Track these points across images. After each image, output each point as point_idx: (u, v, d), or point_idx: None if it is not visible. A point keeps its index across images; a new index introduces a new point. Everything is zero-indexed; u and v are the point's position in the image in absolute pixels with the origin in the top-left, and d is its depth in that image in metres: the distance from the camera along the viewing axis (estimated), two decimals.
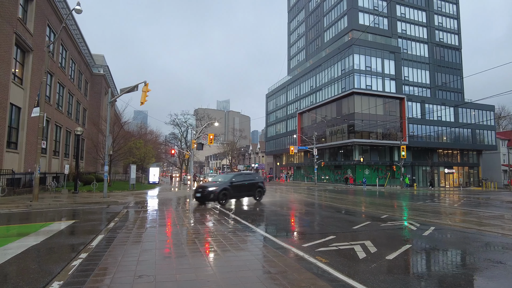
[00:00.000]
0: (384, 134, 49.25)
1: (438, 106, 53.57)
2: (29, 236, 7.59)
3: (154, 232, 8.42)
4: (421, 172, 53.92)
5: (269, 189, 34.54)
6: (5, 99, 18.36)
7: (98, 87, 42.89)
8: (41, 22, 23.19)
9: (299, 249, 6.79)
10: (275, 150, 75.10)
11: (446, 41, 59.46)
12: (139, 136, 43.86)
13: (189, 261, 5.70)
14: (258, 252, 6.53)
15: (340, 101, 50.72)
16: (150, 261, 5.64)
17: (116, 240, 7.29)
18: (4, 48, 17.72)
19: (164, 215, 12.03)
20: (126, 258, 5.76)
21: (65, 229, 8.67)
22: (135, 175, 26.72)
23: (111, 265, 5.32)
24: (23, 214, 11.66)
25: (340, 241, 7.71)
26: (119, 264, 5.34)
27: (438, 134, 53.69)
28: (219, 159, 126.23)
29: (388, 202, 20.24)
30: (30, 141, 21.74)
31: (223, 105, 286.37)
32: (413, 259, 6.52)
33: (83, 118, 37.76)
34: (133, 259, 5.70)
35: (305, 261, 5.84)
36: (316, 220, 11.45)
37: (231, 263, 5.62)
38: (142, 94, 16.20)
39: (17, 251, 6.06)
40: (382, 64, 50.82)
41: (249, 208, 15.23)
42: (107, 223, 9.65)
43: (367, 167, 48.60)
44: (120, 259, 5.71)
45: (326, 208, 15.12)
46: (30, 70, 21.57)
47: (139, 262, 5.51)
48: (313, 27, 67.37)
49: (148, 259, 5.74)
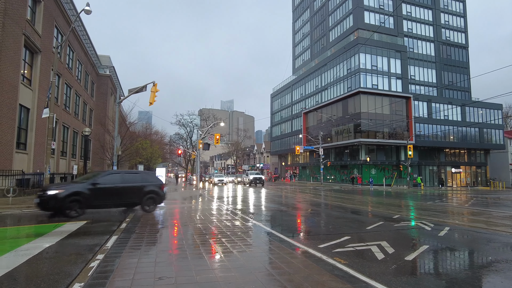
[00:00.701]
0: (390, 134, 48.94)
1: (445, 105, 53.12)
2: (44, 236, 7.59)
3: (167, 233, 8.39)
4: (428, 171, 53.50)
5: (274, 189, 34.45)
6: (15, 100, 18.47)
7: (104, 88, 43.07)
8: (49, 23, 23.30)
9: (315, 250, 6.71)
10: (280, 150, 74.99)
11: (453, 39, 58.98)
12: (145, 137, 43.98)
13: (206, 262, 5.65)
14: (274, 253, 6.45)
15: (346, 101, 50.48)
16: (167, 262, 5.60)
17: (131, 241, 7.25)
18: (13, 50, 17.82)
19: (174, 215, 11.99)
20: (143, 259, 5.71)
21: (78, 229, 8.66)
22: None
23: (129, 266, 5.28)
24: (34, 215, 11.68)
25: (355, 242, 7.62)
26: (137, 266, 5.29)
27: (445, 133, 53.25)
28: (224, 159, 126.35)
29: (397, 202, 20.08)
30: (38, 142, 21.86)
31: (227, 105, 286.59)
32: (432, 260, 6.42)
33: (90, 118, 37.92)
34: (150, 260, 5.65)
35: (323, 262, 5.76)
36: (328, 220, 11.35)
37: (249, 264, 5.56)
38: (151, 94, 16.22)
39: (34, 252, 6.04)
40: (388, 63, 50.52)
41: (256, 208, 15.16)
42: (119, 224, 9.62)
43: (373, 167, 48.33)
44: (137, 260, 5.67)
45: (336, 209, 15.01)
46: (39, 71, 21.69)
47: (157, 263, 5.46)
48: (318, 27, 67.17)
49: (165, 260, 5.69)
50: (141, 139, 33.87)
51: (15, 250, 6.17)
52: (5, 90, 17.21)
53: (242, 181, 47.30)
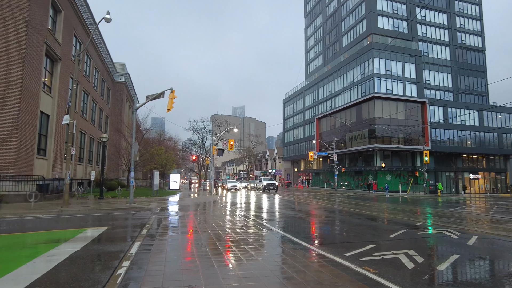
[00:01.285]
0: (405, 139, 48.19)
1: (461, 110, 52.07)
2: (68, 242, 7.63)
3: (189, 239, 8.33)
4: (445, 178, 52.36)
5: (288, 195, 34.21)
6: (36, 107, 18.89)
7: (120, 95, 43.77)
8: (68, 32, 23.86)
9: (342, 258, 6.55)
10: (293, 156, 74.66)
11: (469, 43, 57.97)
12: (159, 143, 44.38)
13: (233, 269, 5.56)
14: (300, 261, 6.31)
15: (360, 106, 50.02)
16: (194, 269, 5.53)
17: (154, 247, 7.22)
18: (35, 58, 18.27)
19: (193, 221, 11.96)
20: (169, 266, 5.66)
21: (100, 235, 8.69)
22: (157, 181, 26.93)
23: (156, 273, 5.22)
24: (56, 220, 11.83)
25: (381, 250, 7.41)
26: (164, 273, 5.24)
27: (461, 138, 52.15)
28: (236, 165, 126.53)
29: (416, 209, 19.63)
30: (57, 148, 22.27)
31: (238, 111, 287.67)
32: (466, 270, 6.17)
33: (106, 125, 38.51)
34: (176, 268, 5.60)
35: (352, 271, 5.60)
36: (349, 228, 11.12)
37: (276, 272, 5.44)
38: (168, 101, 16.35)
39: (61, 258, 6.06)
40: (403, 68, 49.94)
41: (274, 215, 15.02)
42: (140, 230, 9.63)
43: (388, 173, 47.58)
44: (163, 267, 5.61)
45: (355, 216, 14.74)
46: (58, 78, 22.18)
47: (183, 271, 5.40)
48: (330, 32, 67.05)
49: (191, 268, 5.62)
50: (156, 145, 34.18)
51: (42, 256, 6.21)
52: (27, 97, 17.62)
53: (255, 187, 47.18)
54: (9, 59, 16.76)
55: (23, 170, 17.44)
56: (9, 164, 16.53)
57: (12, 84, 16.79)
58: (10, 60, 16.78)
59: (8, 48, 16.77)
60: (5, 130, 16.57)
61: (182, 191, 38.20)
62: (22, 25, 17.03)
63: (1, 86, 16.62)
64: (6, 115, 16.67)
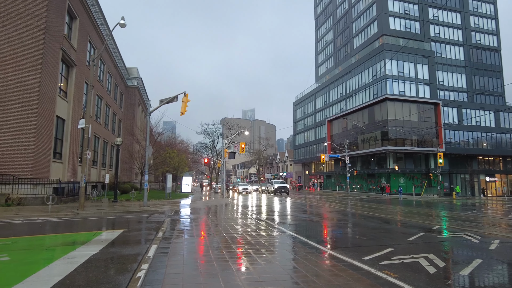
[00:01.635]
0: (419, 141, 47.47)
1: (476, 111, 51.06)
2: (86, 245, 7.72)
3: (205, 242, 8.34)
4: (460, 180, 51.34)
5: (300, 198, 34.03)
6: (52, 112, 19.28)
7: (132, 99, 44.35)
8: (83, 38, 24.32)
9: (360, 262, 6.45)
10: (304, 159, 74.31)
11: (484, 42, 56.85)
12: (171, 146, 44.77)
13: (251, 272, 5.53)
14: (318, 265, 6.24)
15: (372, 108, 49.55)
16: (212, 272, 5.51)
17: (171, 250, 7.25)
18: (52, 64, 18.67)
19: (208, 224, 11.97)
20: (187, 269, 5.66)
21: (117, 238, 8.76)
22: (170, 184, 27.13)
23: (175, 277, 5.23)
24: (73, 222, 12.01)
25: (400, 254, 7.27)
26: (183, 277, 5.24)
27: (477, 140, 51.09)
28: (246, 168, 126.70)
29: (432, 212, 19.26)
30: (72, 152, 22.66)
31: (248, 114, 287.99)
32: (491, 275, 6.00)
33: (119, 129, 39.06)
34: (195, 271, 5.60)
35: (372, 275, 5.50)
36: (365, 231, 10.96)
37: (295, 275, 5.38)
38: (182, 104, 16.49)
39: (81, 260, 6.13)
40: (415, 69, 49.30)
41: (288, 218, 14.94)
42: (155, 233, 9.69)
43: (402, 176, 46.91)
44: (181, 270, 5.62)
45: (370, 219, 14.55)
46: (73, 83, 22.59)
47: (202, 274, 5.39)
48: (341, 34, 66.72)
49: (210, 271, 5.61)
50: (168, 149, 34.50)
51: (62, 258, 6.29)
52: (45, 102, 18.00)
53: (267, 190, 47.08)
54: (27, 65, 17.18)
55: (40, 174, 17.81)
56: (27, 167, 16.89)
57: (30, 89, 17.19)
58: (28, 66, 17.20)
59: (27, 54, 17.19)
60: (23, 134, 16.95)
61: (194, 194, 38.41)
62: (39, 32, 17.45)
63: (20, 91, 17.03)
64: (24, 120, 17.05)
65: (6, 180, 16.21)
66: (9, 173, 16.45)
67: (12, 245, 7.69)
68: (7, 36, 17.18)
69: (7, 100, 16.98)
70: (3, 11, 17.34)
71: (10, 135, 16.85)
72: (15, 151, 16.86)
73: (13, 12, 17.40)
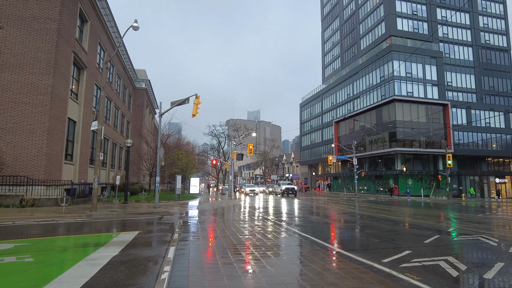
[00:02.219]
0: (427, 142, 47.11)
1: (486, 111, 50.55)
2: (105, 246, 7.79)
3: (223, 244, 8.35)
4: (469, 181, 50.85)
5: (308, 199, 33.94)
6: (64, 114, 19.49)
7: (141, 101, 44.66)
8: (93, 40, 24.57)
9: (380, 264, 6.43)
10: (311, 160, 74.13)
11: (493, 42, 56.25)
12: (179, 148, 44.98)
13: (274, 275, 5.54)
14: (340, 267, 6.23)
15: (380, 109, 49.31)
16: (235, 275, 5.53)
17: (190, 252, 7.29)
18: (64, 67, 18.89)
19: (221, 225, 11.99)
20: (210, 272, 5.68)
21: (134, 240, 8.81)
22: (180, 185, 27.23)
23: (200, 279, 5.26)
24: (88, 224, 12.12)
25: (419, 257, 7.23)
26: (208, 279, 5.27)
27: (486, 141, 50.55)
28: (252, 169, 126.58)
29: (444, 214, 19.10)
30: (83, 153, 22.87)
31: (253, 115, 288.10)
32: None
33: (127, 130, 39.34)
34: (218, 273, 5.61)
35: (395, 278, 5.48)
36: (380, 234, 10.91)
37: (321, 280, 5.38)
38: (194, 106, 16.58)
39: (103, 262, 6.18)
40: (424, 70, 48.97)
41: (299, 219, 14.92)
42: (171, 234, 9.74)
43: (410, 177, 46.59)
44: (205, 272, 5.65)
45: (383, 221, 14.47)
46: (84, 86, 22.82)
47: (226, 276, 5.41)
48: (348, 35, 66.53)
49: (233, 273, 5.62)
50: (176, 150, 34.69)
51: (84, 260, 6.35)
52: (57, 104, 18.21)
53: (274, 191, 47.03)
54: (41, 68, 17.40)
55: (53, 175, 18.00)
56: (40, 169, 17.09)
57: (43, 92, 17.41)
58: (41, 69, 17.42)
59: (40, 57, 17.42)
60: (36, 136, 17.16)
61: (201, 195, 38.52)
62: (53, 36, 17.67)
63: (34, 94, 17.25)
64: (38, 122, 17.27)
65: (20, 181, 16.42)
66: (23, 174, 16.65)
67: (33, 246, 7.79)
68: (21, 40, 17.43)
69: (21, 102, 17.21)
70: (18, 16, 17.60)
71: (23, 137, 17.07)
72: (29, 153, 17.07)
73: (27, 16, 17.65)
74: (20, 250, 7.19)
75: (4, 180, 16.14)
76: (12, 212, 13.93)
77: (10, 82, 17.15)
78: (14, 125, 17.03)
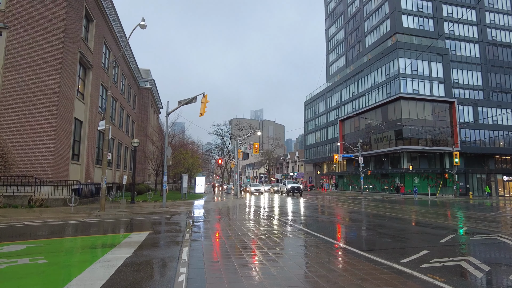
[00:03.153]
0: (434, 140, 46.71)
1: (493, 109, 50.02)
2: (118, 247, 7.68)
3: (235, 244, 8.21)
4: (476, 180, 50.38)
5: (314, 198, 33.76)
6: (71, 113, 19.45)
7: (145, 100, 44.66)
8: (99, 40, 24.52)
9: (400, 264, 6.27)
10: (315, 159, 73.86)
11: (500, 39, 55.56)
12: (184, 147, 44.94)
13: (293, 276, 5.40)
14: (359, 268, 6.06)
15: (385, 107, 48.96)
16: (255, 276, 5.39)
17: (204, 253, 7.16)
18: (71, 66, 18.83)
19: (232, 225, 11.86)
20: (227, 273, 5.54)
21: (146, 240, 8.70)
22: (186, 184, 27.14)
23: (218, 281, 5.12)
24: (97, 224, 12.04)
25: (438, 257, 7.06)
26: (226, 281, 5.13)
27: (494, 139, 50.05)
28: (256, 168, 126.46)
29: (454, 212, 18.86)
30: (89, 153, 22.84)
31: (257, 114, 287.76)
32: None
33: (132, 130, 39.34)
34: (235, 274, 5.47)
35: (418, 279, 5.31)
36: (394, 233, 10.72)
37: (343, 281, 5.22)
38: (201, 105, 16.46)
39: (118, 263, 6.07)
40: (429, 67, 48.53)
41: (309, 219, 14.76)
42: (182, 235, 9.63)
43: (416, 175, 46.23)
44: (222, 273, 5.51)
45: (395, 220, 14.28)
46: (90, 85, 22.78)
47: (244, 278, 5.27)
48: (353, 33, 66.14)
49: (251, 275, 5.48)
50: (181, 149, 34.64)
51: (98, 261, 6.25)
52: (64, 104, 18.17)
53: (279, 190, 46.87)
54: (47, 68, 17.35)
55: (60, 175, 17.97)
56: (48, 169, 17.05)
57: (50, 92, 17.36)
58: (48, 69, 17.37)
59: (47, 57, 17.37)
60: (44, 136, 17.12)
61: (207, 195, 38.45)
62: (59, 35, 17.61)
63: (41, 94, 17.21)
64: (45, 122, 17.22)
65: (29, 181, 16.39)
66: (30, 174, 16.62)
67: (45, 247, 7.70)
68: (28, 40, 17.38)
69: (28, 102, 17.17)
70: (24, 16, 17.55)
71: (31, 137, 17.04)
72: (36, 153, 17.03)
73: (34, 16, 17.60)
74: (32, 252, 7.10)
75: (13, 181, 16.11)
76: (21, 213, 13.89)
77: (17, 82, 17.11)
78: (21, 125, 16.99)
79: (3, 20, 17.25)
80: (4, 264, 5.93)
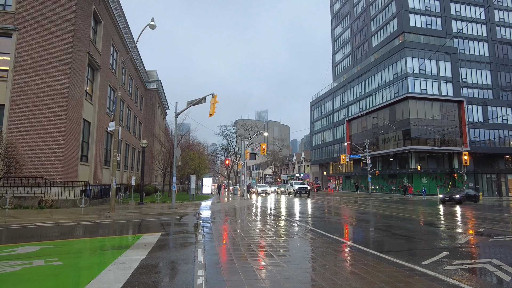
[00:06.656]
0: (442, 140, 46.16)
1: (503, 108, 49.34)
2: (132, 249, 7.59)
3: (250, 245, 8.07)
4: (485, 180, 49.67)
5: (322, 199, 33.51)
6: (80, 115, 19.49)
7: (152, 101, 44.76)
8: (107, 41, 24.58)
9: (421, 266, 6.11)
10: (322, 159, 73.47)
11: (509, 37, 54.76)
12: (190, 148, 44.94)
13: (314, 279, 5.25)
14: (381, 270, 5.89)
15: (393, 107, 48.52)
16: (275, 278, 5.24)
17: (220, 255, 7.04)
18: (79, 68, 18.87)
19: (244, 227, 11.72)
20: (246, 275, 5.40)
21: (159, 242, 8.59)
22: (194, 185, 27.06)
23: (238, 284, 4.99)
24: (108, 225, 11.98)
25: (459, 259, 6.87)
26: (247, 283, 4.99)
27: (504, 138, 49.33)
28: (262, 169, 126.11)
29: (468, 213, 18.51)
30: (97, 154, 22.87)
31: (261, 115, 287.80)
32: None
33: (139, 131, 39.43)
34: (254, 277, 5.33)
35: (443, 282, 5.14)
36: (409, 234, 10.51)
37: (366, 283, 5.06)
38: (211, 106, 16.36)
39: (133, 265, 5.97)
40: (437, 67, 47.98)
41: (321, 220, 14.58)
42: (195, 236, 9.53)
43: (424, 176, 45.71)
44: (240, 276, 5.37)
45: (407, 221, 14.03)
46: (98, 87, 22.82)
47: (265, 281, 5.13)
48: (359, 32, 65.73)
49: (271, 276, 5.34)
50: (189, 150, 34.62)
51: (113, 263, 6.14)
52: (73, 105, 18.20)
53: (286, 191, 46.66)
54: (57, 70, 17.39)
55: (69, 176, 17.99)
56: (58, 170, 17.07)
57: (60, 93, 17.39)
58: (58, 70, 17.41)
59: (57, 59, 17.42)
60: (53, 137, 17.15)
61: (214, 196, 38.37)
62: (68, 37, 17.66)
63: (50, 95, 17.25)
64: (54, 123, 17.26)
65: (39, 183, 16.43)
66: (40, 175, 16.65)
67: (59, 248, 7.63)
68: (37, 42, 17.44)
69: (38, 104, 17.22)
70: (34, 17, 17.62)
71: (41, 138, 17.08)
72: (46, 154, 17.06)
73: (43, 18, 17.66)
74: (47, 253, 7.03)
75: (23, 182, 16.16)
76: (32, 214, 13.90)
77: (27, 83, 17.17)
78: (31, 127, 17.04)
79: (13, 22, 17.33)
80: (20, 266, 5.86)
